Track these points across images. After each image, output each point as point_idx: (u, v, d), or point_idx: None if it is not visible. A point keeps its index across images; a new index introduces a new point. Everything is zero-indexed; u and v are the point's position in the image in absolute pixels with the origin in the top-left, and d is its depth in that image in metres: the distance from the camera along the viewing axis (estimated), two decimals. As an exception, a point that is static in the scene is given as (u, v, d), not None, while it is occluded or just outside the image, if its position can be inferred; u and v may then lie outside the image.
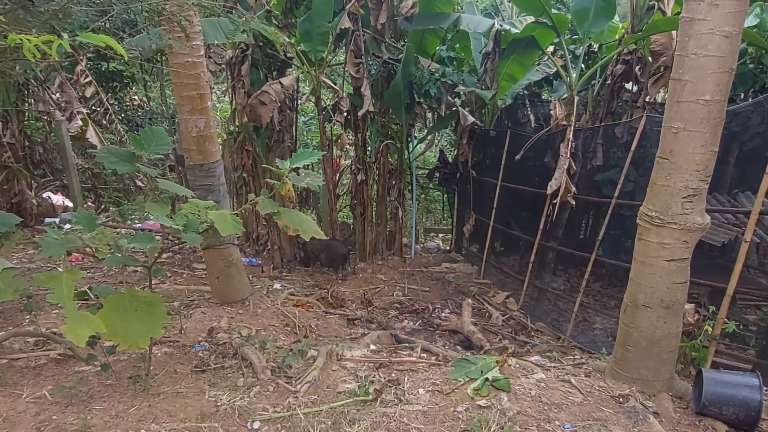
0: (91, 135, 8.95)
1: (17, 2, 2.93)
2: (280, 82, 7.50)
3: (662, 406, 3.77)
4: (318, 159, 6.41)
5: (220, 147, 5.97)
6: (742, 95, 7.49)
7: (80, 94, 9.17)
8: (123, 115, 12.43)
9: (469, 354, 5.10)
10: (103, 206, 10.75)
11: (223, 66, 8.23)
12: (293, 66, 8.24)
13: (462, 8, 9.20)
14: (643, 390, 3.92)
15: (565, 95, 8.10)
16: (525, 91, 9.53)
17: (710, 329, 4.66)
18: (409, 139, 9.51)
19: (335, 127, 8.53)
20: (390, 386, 3.89)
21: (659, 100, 7.74)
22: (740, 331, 5.01)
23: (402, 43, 8.46)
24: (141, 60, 6.64)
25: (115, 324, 3.09)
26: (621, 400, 3.80)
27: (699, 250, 3.85)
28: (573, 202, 6.99)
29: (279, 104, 7.58)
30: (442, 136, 13.22)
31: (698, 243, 3.74)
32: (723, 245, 6.02)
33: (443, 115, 9.01)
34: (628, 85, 7.73)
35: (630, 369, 4.00)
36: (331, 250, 8.31)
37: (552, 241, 7.60)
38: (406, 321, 7.12)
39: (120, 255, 3.24)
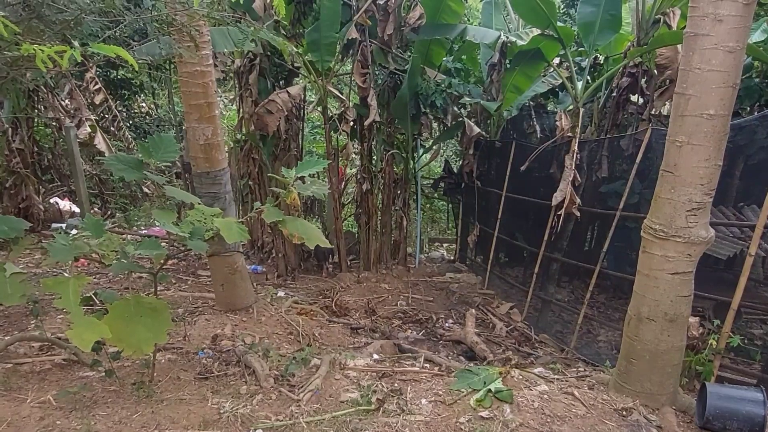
0: (100, 141, 9.07)
1: (32, 12, 2.99)
2: (288, 92, 7.57)
3: (666, 420, 3.74)
4: (324, 168, 6.45)
5: (227, 155, 6.01)
6: (748, 109, 7.50)
7: (89, 101, 9.29)
8: (131, 122, 12.57)
9: (472, 365, 5.09)
10: (109, 212, 10.84)
11: (231, 75, 8.30)
12: (300, 75, 8.31)
13: (468, 20, 9.24)
14: (646, 403, 3.90)
15: (570, 107, 8.11)
16: (531, 103, 9.56)
17: (715, 343, 4.62)
18: (414, 149, 9.55)
19: (341, 136, 8.59)
20: (392, 396, 3.88)
21: (665, 113, 7.74)
22: (745, 346, 4.98)
23: (408, 53, 8.52)
24: (150, 68, 6.73)
25: (120, 330, 3.11)
26: (624, 413, 3.78)
27: (704, 263, 3.84)
28: (578, 214, 6.98)
29: (286, 113, 7.64)
30: (447, 147, 13.26)
31: (703, 256, 3.74)
32: (728, 259, 5.99)
33: (449, 125, 9.05)
34: (634, 98, 7.73)
35: (633, 382, 3.98)
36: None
37: (556, 253, 7.59)
38: (410, 331, 7.11)
39: (126, 261, 3.27)
